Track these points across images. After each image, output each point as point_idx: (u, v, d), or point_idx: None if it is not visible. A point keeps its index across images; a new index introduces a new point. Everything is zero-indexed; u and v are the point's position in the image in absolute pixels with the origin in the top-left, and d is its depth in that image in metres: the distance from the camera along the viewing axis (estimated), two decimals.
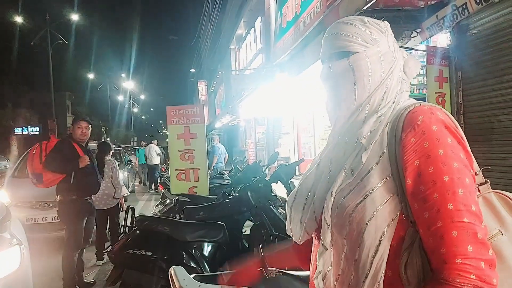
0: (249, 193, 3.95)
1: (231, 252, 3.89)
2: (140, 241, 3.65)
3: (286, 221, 1.18)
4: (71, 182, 4.51)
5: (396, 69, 1.07)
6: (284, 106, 10.91)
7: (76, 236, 4.53)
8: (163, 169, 14.39)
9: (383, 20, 1.12)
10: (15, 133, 32.55)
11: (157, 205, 6.39)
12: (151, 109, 75.83)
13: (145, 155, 15.35)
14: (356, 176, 0.97)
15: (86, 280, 4.75)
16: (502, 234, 0.91)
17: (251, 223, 4.18)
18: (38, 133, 33.62)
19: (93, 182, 4.73)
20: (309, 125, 12.37)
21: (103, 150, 6.01)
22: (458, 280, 0.82)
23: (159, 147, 16.22)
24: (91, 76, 40.45)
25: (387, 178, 0.95)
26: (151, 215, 5.67)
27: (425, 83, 6.21)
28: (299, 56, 8.32)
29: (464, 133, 1.00)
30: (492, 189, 1.00)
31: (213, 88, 29.64)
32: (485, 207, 0.94)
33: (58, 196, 4.57)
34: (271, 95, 10.08)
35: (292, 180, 4.31)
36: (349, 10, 4.44)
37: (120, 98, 48.27)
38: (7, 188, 6.85)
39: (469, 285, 0.81)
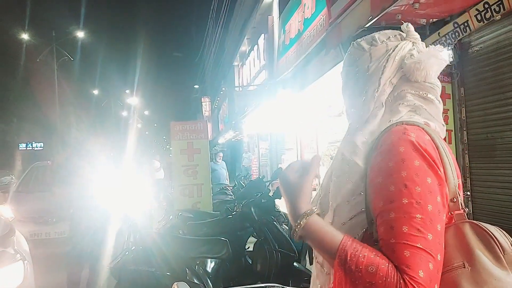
0: (252, 209, 3.95)
1: (234, 268, 3.88)
2: (143, 257, 3.64)
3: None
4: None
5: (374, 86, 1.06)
6: (287, 122, 10.95)
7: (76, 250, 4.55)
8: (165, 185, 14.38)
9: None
10: (20, 149, 32.67)
11: (160, 221, 6.39)
12: (155, 125, 76.16)
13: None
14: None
15: None
16: (464, 267, 0.86)
17: (255, 239, 4.17)
18: (41, 148, 33.72)
19: None
20: (312, 141, 12.38)
21: None
22: (396, 284, 0.81)
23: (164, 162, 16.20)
24: (95, 92, 40.77)
25: (359, 194, 0.96)
26: (154, 230, 5.67)
27: None
28: (302, 72, 8.38)
29: (468, 150, 1.00)
30: (494, 205, 0.99)
31: (216, 104, 29.79)
32: (454, 237, 0.90)
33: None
34: (274, 111, 10.13)
35: None
36: (351, 28, 4.49)
37: (124, 113, 48.56)
38: (11, 203, 6.87)
39: None
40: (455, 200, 0.92)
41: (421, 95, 1.05)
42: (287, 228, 4.37)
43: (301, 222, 0.94)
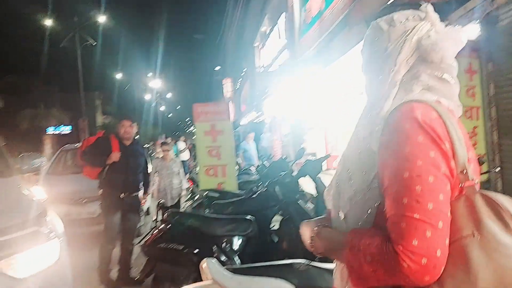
0: (276, 188, 3.99)
1: (261, 246, 3.95)
2: (171, 235, 3.75)
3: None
4: (104, 177, 4.66)
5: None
6: (310, 102, 10.88)
7: (106, 230, 4.69)
8: (190, 166, 14.60)
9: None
10: (48, 133, 33.53)
11: (187, 200, 6.51)
12: (178, 107, 76.75)
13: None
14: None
15: (133, 276, 4.83)
16: (474, 236, 0.89)
17: (280, 217, 4.22)
18: (69, 132, 34.53)
19: (121, 179, 4.72)
20: (335, 120, 12.29)
21: None
22: (396, 259, 0.87)
23: (188, 143, 16.42)
24: (118, 75, 41.26)
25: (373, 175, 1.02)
26: (182, 210, 5.79)
27: None
28: (325, 51, 8.29)
29: (497, 126, 1.00)
30: None
31: (238, 85, 29.75)
32: (464, 208, 0.92)
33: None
34: (296, 91, 10.07)
35: (319, 175, 4.32)
36: (374, 4, 4.40)
37: (147, 97, 49.07)
38: (43, 184, 7.11)
39: (397, 268, 0.87)
40: (465, 172, 0.95)
41: (437, 75, 1.07)
42: (311, 206, 4.40)
43: (313, 235, 1.12)
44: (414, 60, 1.08)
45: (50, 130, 34.42)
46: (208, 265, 1.96)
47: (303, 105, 11.32)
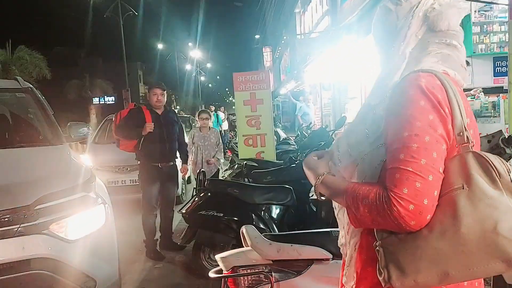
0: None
1: (299, 214, 3.97)
2: (211, 203, 3.83)
3: None
4: (140, 148, 4.71)
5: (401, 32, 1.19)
6: (351, 70, 10.61)
7: (145, 199, 4.80)
8: (230, 135, 14.75)
9: None
10: (93, 103, 34.66)
11: (226, 170, 6.61)
12: (217, 77, 77.08)
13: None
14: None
15: (175, 241, 4.98)
16: (463, 188, 0.99)
17: None
18: (113, 102, 35.54)
19: (158, 149, 4.73)
20: None
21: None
22: (389, 203, 0.99)
23: (228, 114, 16.55)
24: (160, 46, 41.71)
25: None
26: (221, 178, 5.89)
27: (507, 40, 5.75)
28: (368, 16, 7.99)
29: None
30: None
31: (278, 54, 29.40)
32: (457, 164, 1.02)
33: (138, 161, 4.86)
34: (337, 59, 9.83)
35: None
36: None
37: (188, 67, 49.46)
38: (89, 153, 7.40)
39: (388, 212, 0.99)
40: (461, 134, 1.05)
41: (445, 42, 1.17)
42: None
43: (319, 180, 1.22)
44: (423, 33, 1.18)
45: (95, 100, 35.56)
46: (248, 232, 2.00)
47: (345, 74, 11.07)
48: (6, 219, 2.41)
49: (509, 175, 0.99)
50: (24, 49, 23.08)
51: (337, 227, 1.60)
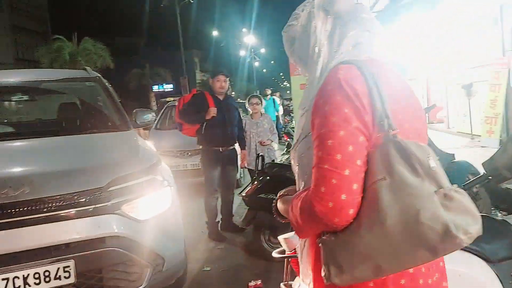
0: None
1: None
2: (270, 186, 3.89)
3: None
4: (202, 132, 4.85)
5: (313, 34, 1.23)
6: (411, 49, 10.22)
7: (207, 182, 4.95)
8: (286, 121, 14.75)
9: None
10: (153, 90, 35.87)
11: (283, 154, 6.65)
12: (271, 62, 76.84)
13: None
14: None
15: (236, 223, 5.13)
16: (385, 179, 0.97)
17: None
18: (172, 89, 36.58)
19: (220, 133, 4.83)
20: (440, 69, 11.44)
21: None
22: (312, 204, 1.01)
23: (282, 98, 16.52)
24: (215, 33, 42.23)
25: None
26: (279, 162, 5.94)
27: None
28: None
29: None
30: None
31: None
32: (380, 155, 1.00)
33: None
34: (396, 38, 9.49)
35: None
36: None
37: (242, 52, 49.76)
38: (151, 138, 7.72)
39: (313, 213, 1.01)
40: (382, 122, 1.03)
41: (356, 19, 1.20)
42: None
43: (276, 201, 1.34)
44: (331, 25, 1.21)
45: (155, 88, 36.76)
46: None
47: (404, 54, 10.67)
48: (83, 199, 2.59)
49: (429, 161, 0.97)
50: (89, 41, 24.23)
51: None
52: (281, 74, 75.17)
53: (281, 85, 72.47)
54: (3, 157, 3.00)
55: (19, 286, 2.37)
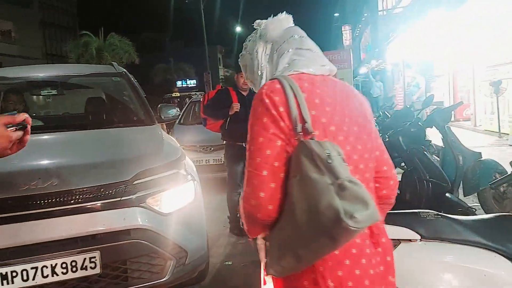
0: (400, 138, 3.85)
1: None
2: None
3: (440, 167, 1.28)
4: (226, 127, 4.88)
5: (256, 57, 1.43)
6: (438, 46, 10.02)
7: (230, 177, 4.97)
8: None
9: None
10: (177, 86, 36.21)
11: None
12: None
13: None
14: None
15: None
16: (296, 177, 1.11)
17: (401, 170, 4.09)
18: (195, 85, 36.86)
19: (243, 129, 4.85)
20: (467, 66, 11.19)
21: None
22: (241, 204, 1.20)
23: None
24: (238, 28, 42.28)
25: None
26: None
27: None
28: None
29: None
30: None
31: (357, 32, 28.47)
32: (294, 155, 1.14)
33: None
34: (423, 35, 9.33)
35: (448, 125, 4.05)
36: None
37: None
38: (175, 133, 7.80)
39: (244, 212, 1.19)
40: (296, 127, 1.16)
41: (289, 40, 1.36)
42: (438, 158, 4.17)
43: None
44: (270, 50, 1.39)
45: (179, 84, 37.11)
46: None
47: (430, 51, 10.47)
48: (109, 192, 2.65)
49: (327, 155, 1.08)
50: (115, 36, 24.63)
51: (424, 209, 1.56)
52: None
53: None
54: (32, 150, 3.08)
55: (47, 275, 2.44)
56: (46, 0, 35.62)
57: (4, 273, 2.38)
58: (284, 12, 1.48)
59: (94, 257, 2.52)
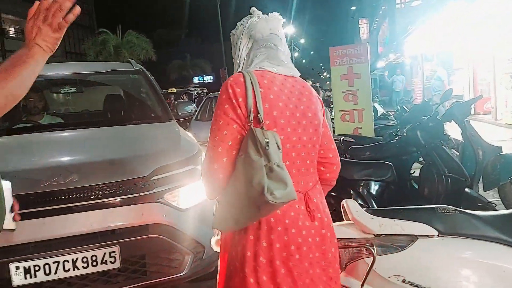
0: (418, 133, 3.80)
1: (400, 191, 3.87)
2: None
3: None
4: None
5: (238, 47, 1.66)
6: (457, 38, 9.84)
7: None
8: None
9: None
10: (194, 82, 36.37)
11: None
12: (311, 53, 76.01)
13: None
14: None
15: None
16: (242, 156, 1.40)
17: (419, 165, 4.05)
18: (212, 81, 36.97)
19: None
20: (487, 58, 10.97)
21: None
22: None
23: (322, 89, 16.35)
24: None
25: None
26: None
27: None
28: None
29: None
30: None
31: (375, 25, 28.13)
32: (244, 139, 1.43)
33: None
34: (441, 27, 9.17)
35: (467, 119, 3.99)
36: None
37: None
38: (192, 129, 7.85)
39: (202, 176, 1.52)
40: (249, 116, 1.42)
41: (267, 45, 1.59)
42: (457, 152, 4.11)
43: None
44: (251, 45, 1.62)
45: (195, 80, 37.25)
46: (349, 205, 2.01)
47: (450, 43, 10.29)
48: (128, 188, 2.69)
49: (266, 142, 1.36)
50: (132, 33, 24.85)
51: (443, 205, 1.56)
52: (321, 64, 74.23)
53: (321, 76, 71.61)
54: (53, 146, 3.16)
55: (69, 269, 2.50)
56: None
57: (27, 267, 2.44)
58: (278, 13, 1.70)
59: (114, 251, 2.57)
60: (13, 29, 31.96)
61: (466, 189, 3.47)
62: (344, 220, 2.08)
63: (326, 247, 1.53)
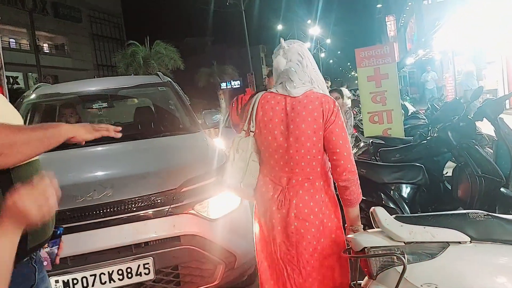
0: (449, 133, 3.72)
1: (432, 194, 3.80)
2: None
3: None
4: None
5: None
6: (489, 31, 9.55)
7: None
8: (354, 112, 14.41)
9: None
10: (221, 88, 36.65)
11: (352, 148, 6.52)
12: (338, 52, 75.26)
13: None
14: None
15: None
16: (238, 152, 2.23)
17: (453, 164, 3.95)
18: (239, 86, 37.13)
19: None
20: None
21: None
22: None
23: (349, 89, 16.18)
24: (279, 26, 42.19)
25: None
26: None
27: None
28: None
29: None
30: None
31: (402, 22, 27.65)
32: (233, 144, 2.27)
33: None
34: (471, 21, 8.92)
35: (501, 116, 3.87)
36: None
37: (307, 44, 49.24)
38: (221, 137, 7.93)
39: None
40: (248, 125, 2.21)
41: (282, 77, 2.21)
42: (492, 151, 3.99)
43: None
44: (277, 72, 2.30)
45: (223, 86, 37.53)
46: (377, 213, 1.99)
47: (481, 37, 10.01)
48: (159, 200, 2.76)
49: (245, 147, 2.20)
50: (160, 44, 25.30)
51: (475, 208, 1.53)
52: (349, 64, 73.44)
53: (349, 75, 70.82)
54: (87, 161, 3.27)
55: (105, 281, 2.59)
56: (95, 14, 37.24)
57: (66, 281, 2.54)
58: (299, 41, 2.38)
59: (148, 263, 2.64)
60: (46, 45, 33.23)
61: (502, 189, 3.37)
62: (373, 228, 2.06)
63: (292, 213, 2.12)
